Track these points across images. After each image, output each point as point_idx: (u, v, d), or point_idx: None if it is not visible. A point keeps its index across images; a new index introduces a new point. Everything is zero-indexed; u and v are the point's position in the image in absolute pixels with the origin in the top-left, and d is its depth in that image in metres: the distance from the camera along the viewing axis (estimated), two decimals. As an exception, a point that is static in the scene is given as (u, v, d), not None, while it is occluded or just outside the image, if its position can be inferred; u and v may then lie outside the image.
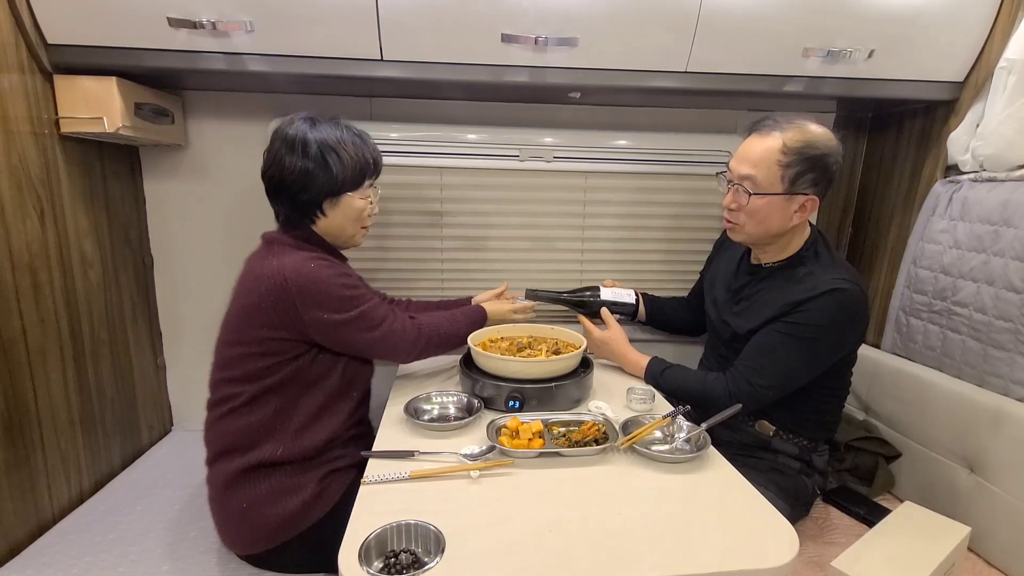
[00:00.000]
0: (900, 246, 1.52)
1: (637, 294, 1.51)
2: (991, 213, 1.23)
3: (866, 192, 1.74)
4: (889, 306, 1.51)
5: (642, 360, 1.31)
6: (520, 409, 1.11)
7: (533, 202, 1.61)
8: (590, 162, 1.58)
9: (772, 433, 1.22)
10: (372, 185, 1.15)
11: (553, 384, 1.13)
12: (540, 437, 0.99)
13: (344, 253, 1.20)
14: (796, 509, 1.21)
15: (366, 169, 1.11)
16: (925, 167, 1.50)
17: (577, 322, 1.46)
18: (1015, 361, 1.17)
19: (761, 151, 1.11)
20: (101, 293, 1.39)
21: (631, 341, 1.38)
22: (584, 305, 1.45)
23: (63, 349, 1.26)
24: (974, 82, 1.36)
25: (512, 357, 1.16)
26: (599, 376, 1.30)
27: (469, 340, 1.22)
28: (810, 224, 1.21)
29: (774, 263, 1.22)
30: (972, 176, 1.32)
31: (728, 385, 1.17)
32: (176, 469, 1.46)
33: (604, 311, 1.41)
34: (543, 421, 1.04)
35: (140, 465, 1.48)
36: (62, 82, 1.22)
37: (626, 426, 1.03)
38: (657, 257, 1.70)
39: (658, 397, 1.21)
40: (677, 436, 1.02)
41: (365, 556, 0.71)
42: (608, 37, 1.25)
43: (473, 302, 1.41)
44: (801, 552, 0.76)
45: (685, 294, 1.61)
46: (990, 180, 1.27)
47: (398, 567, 0.70)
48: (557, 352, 1.24)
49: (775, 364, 1.14)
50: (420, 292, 1.62)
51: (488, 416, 1.07)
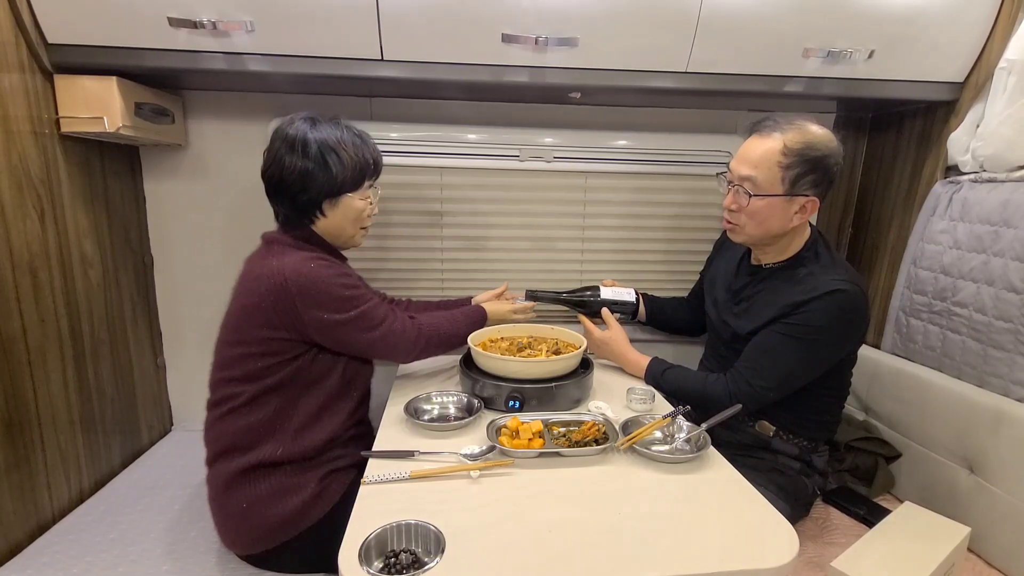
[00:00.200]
0: (900, 246, 1.52)
1: (637, 293, 1.51)
2: (991, 213, 1.23)
3: (866, 192, 1.74)
4: (889, 306, 1.51)
5: (642, 360, 1.31)
6: (520, 409, 1.11)
7: (533, 202, 1.61)
8: (590, 162, 1.58)
9: (772, 433, 1.23)
10: (372, 186, 1.15)
11: (553, 384, 1.13)
12: (540, 437, 0.99)
13: (344, 253, 1.20)
14: (796, 509, 1.21)
15: (366, 170, 1.11)
16: (925, 167, 1.50)
17: (577, 322, 1.46)
18: (1015, 361, 1.17)
19: (761, 152, 1.11)
20: (101, 293, 1.39)
21: (631, 341, 1.38)
22: (584, 305, 1.45)
23: (63, 349, 1.26)
24: (974, 82, 1.36)
25: (512, 357, 1.16)
26: (599, 376, 1.30)
27: (469, 340, 1.22)
28: (810, 225, 1.21)
29: (774, 264, 1.22)
30: (972, 176, 1.32)
31: (728, 386, 1.17)
32: (176, 469, 1.46)
33: (605, 311, 1.41)
34: (543, 421, 1.04)
35: (140, 465, 1.48)
36: (62, 82, 1.22)
37: (626, 426, 1.03)
38: (657, 257, 1.70)
39: (658, 397, 1.21)
40: (677, 436, 1.02)
41: (365, 556, 0.71)
42: (608, 37, 1.25)
43: (473, 302, 1.41)
44: (801, 552, 0.76)
45: (685, 294, 1.61)
46: (990, 181, 1.27)
47: (398, 567, 0.70)
48: (557, 352, 1.24)
49: (775, 365, 1.14)
50: (420, 292, 1.62)
51: (488, 416, 1.07)
